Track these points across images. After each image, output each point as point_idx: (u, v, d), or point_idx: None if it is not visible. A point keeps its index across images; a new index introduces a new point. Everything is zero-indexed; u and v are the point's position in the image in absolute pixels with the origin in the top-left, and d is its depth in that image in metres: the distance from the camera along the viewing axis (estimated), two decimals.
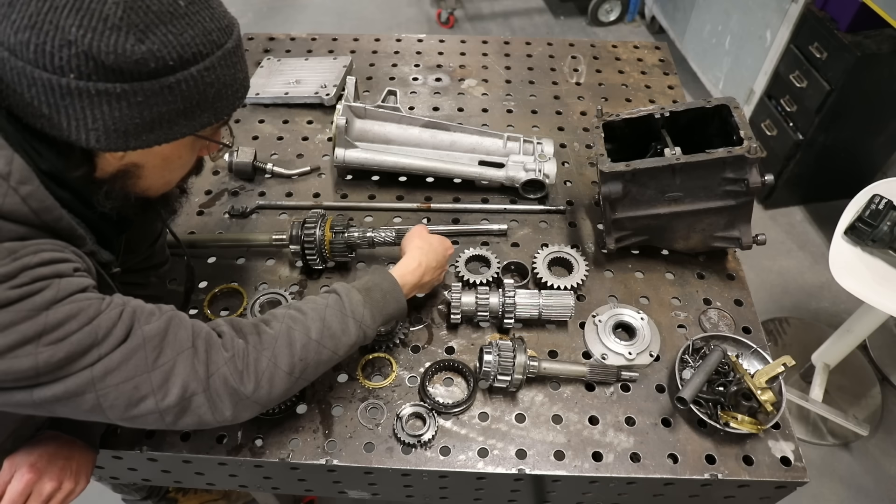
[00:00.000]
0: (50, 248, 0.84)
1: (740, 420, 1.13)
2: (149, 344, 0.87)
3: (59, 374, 0.82)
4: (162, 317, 0.91)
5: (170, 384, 0.88)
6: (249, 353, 0.95)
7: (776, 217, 3.16)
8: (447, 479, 1.19)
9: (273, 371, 0.96)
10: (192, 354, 0.90)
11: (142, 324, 0.88)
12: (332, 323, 1.04)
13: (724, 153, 1.23)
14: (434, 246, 1.27)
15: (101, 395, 0.84)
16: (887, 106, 2.65)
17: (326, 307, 1.06)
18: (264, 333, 0.98)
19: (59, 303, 0.82)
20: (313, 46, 2.07)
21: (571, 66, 2.02)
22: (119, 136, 0.83)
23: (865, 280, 1.75)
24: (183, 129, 0.88)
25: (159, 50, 0.79)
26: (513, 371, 1.16)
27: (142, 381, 0.86)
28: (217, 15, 0.87)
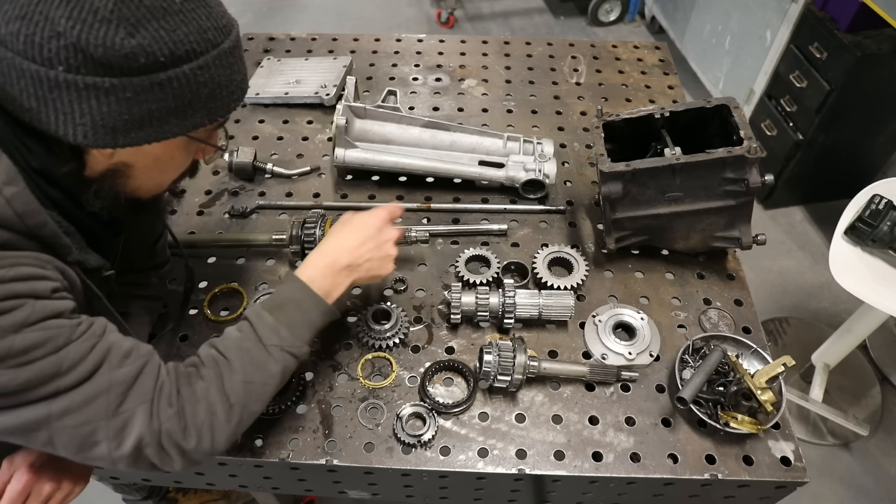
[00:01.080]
0: (30, 263, 0.81)
1: (740, 420, 1.13)
2: (114, 390, 0.85)
3: (14, 402, 0.79)
4: (136, 362, 0.88)
5: (126, 433, 0.85)
6: (185, 406, 0.91)
7: (776, 217, 3.16)
8: (447, 479, 1.19)
9: (212, 421, 0.93)
10: (149, 407, 0.87)
11: (112, 366, 0.85)
12: (253, 356, 0.99)
13: (724, 153, 1.23)
14: (351, 227, 1.15)
15: (55, 433, 0.82)
16: (887, 106, 2.65)
17: (242, 341, 1.00)
18: (196, 385, 0.94)
19: (30, 327, 0.79)
20: (313, 46, 2.07)
21: (571, 66, 2.02)
22: (107, 132, 0.81)
23: (865, 280, 1.75)
24: (174, 128, 0.86)
25: (150, 45, 0.77)
26: (513, 371, 1.16)
27: (99, 427, 0.84)
28: (215, 14, 0.85)
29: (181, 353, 1.28)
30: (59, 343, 0.81)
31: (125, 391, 0.86)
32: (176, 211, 1.56)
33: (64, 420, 0.82)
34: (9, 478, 1.02)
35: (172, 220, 1.54)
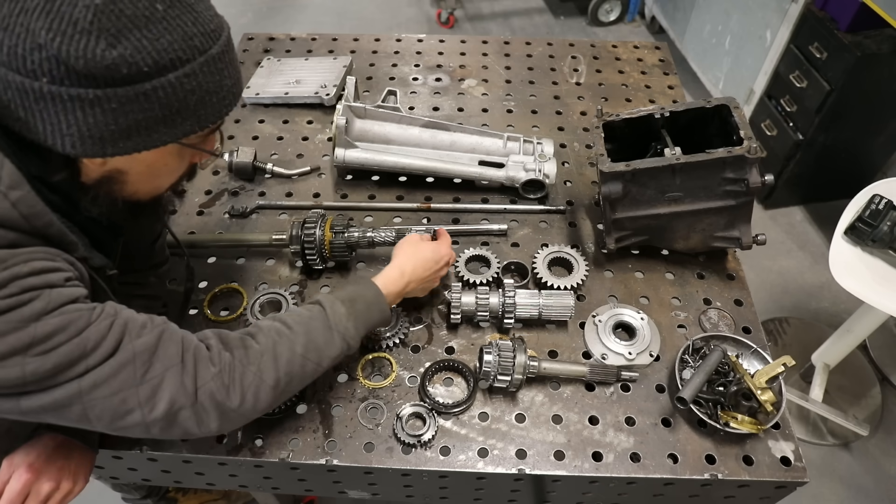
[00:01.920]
0: (41, 257, 0.82)
1: (740, 420, 1.13)
2: (138, 358, 0.87)
3: (47, 384, 0.81)
4: (153, 330, 0.90)
5: (157, 398, 0.88)
6: (235, 367, 0.95)
7: (776, 217, 3.16)
8: (447, 479, 1.19)
9: (258, 385, 0.96)
10: (180, 369, 0.90)
11: (132, 337, 0.88)
12: (317, 336, 1.04)
13: (724, 153, 1.23)
14: (423, 254, 1.25)
15: (87, 406, 0.84)
16: (887, 106, 2.65)
17: (310, 319, 1.05)
18: (251, 348, 0.98)
19: (49, 314, 0.80)
20: (313, 46, 2.07)
21: (571, 66, 2.02)
22: (94, 142, 0.81)
23: (865, 280, 1.75)
24: (163, 136, 0.85)
25: (132, 55, 0.76)
26: (513, 371, 1.16)
27: (129, 395, 0.86)
28: (202, 19, 0.83)
29: None
30: (80, 326, 0.83)
31: (149, 358, 0.88)
32: (176, 210, 1.57)
33: (94, 393, 0.84)
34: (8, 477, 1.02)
35: (173, 219, 1.54)
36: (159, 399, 0.88)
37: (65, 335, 0.81)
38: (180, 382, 0.89)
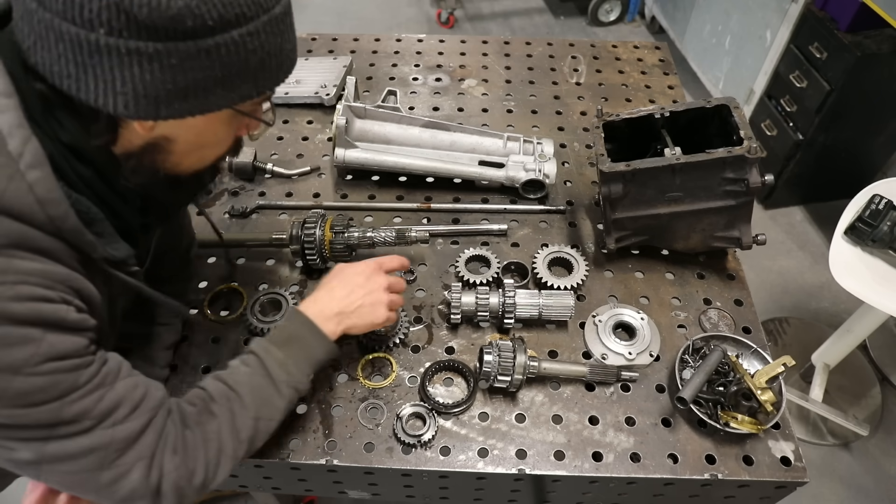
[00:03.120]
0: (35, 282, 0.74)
1: (740, 420, 1.13)
2: (114, 445, 0.81)
3: (6, 438, 0.75)
4: (142, 416, 0.85)
5: (118, 486, 0.82)
6: (198, 447, 0.90)
7: (776, 217, 3.16)
8: (447, 479, 1.19)
9: (219, 458, 0.92)
10: (150, 461, 0.85)
11: (116, 420, 0.81)
12: (262, 392, 0.99)
13: (724, 153, 1.23)
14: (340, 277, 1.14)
15: (44, 474, 0.79)
16: (887, 106, 2.65)
17: (251, 376, 1.00)
18: (209, 424, 0.93)
19: (33, 368, 0.73)
20: (313, 46, 2.07)
21: (571, 66, 2.02)
22: (149, 102, 0.75)
23: (865, 280, 1.75)
24: (220, 100, 0.79)
25: (198, 6, 0.70)
26: (513, 371, 1.16)
27: (90, 478, 0.81)
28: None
29: (181, 352, 1.28)
30: (63, 389, 0.76)
31: (125, 447, 0.82)
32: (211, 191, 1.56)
33: (54, 466, 0.78)
34: None
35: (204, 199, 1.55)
36: (120, 487, 0.82)
37: (43, 396, 0.74)
38: (147, 475, 0.84)
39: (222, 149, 0.96)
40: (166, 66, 0.72)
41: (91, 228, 0.82)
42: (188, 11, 0.70)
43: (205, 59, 0.74)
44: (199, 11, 0.70)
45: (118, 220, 0.90)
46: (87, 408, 0.78)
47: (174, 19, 0.69)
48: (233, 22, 0.74)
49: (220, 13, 0.72)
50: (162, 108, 0.76)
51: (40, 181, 0.74)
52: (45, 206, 0.74)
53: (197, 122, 0.82)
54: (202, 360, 1.28)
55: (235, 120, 0.90)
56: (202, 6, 0.70)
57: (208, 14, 0.71)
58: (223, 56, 0.75)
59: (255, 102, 0.90)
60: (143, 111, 0.76)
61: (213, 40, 0.73)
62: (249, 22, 0.75)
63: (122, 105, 0.75)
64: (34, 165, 0.73)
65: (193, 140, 0.88)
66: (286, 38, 0.83)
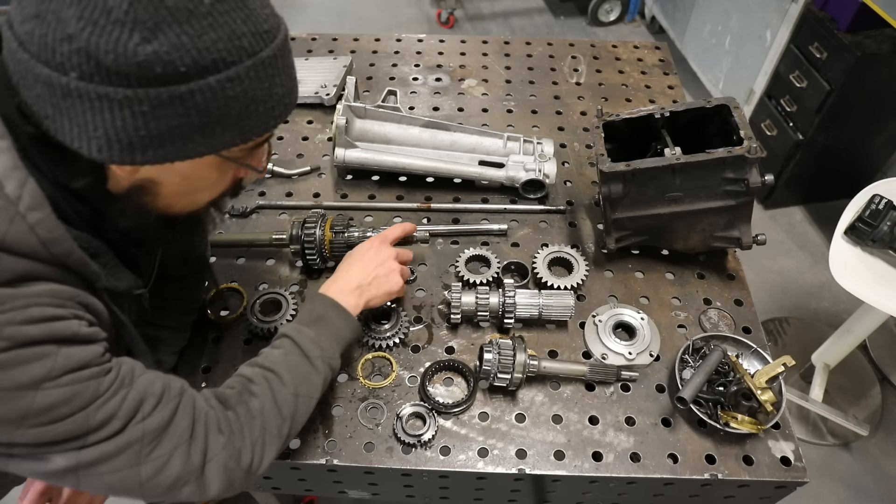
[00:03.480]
0: (46, 302, 0.73)
1: (740, 420, 1.13)
2: (147, 437, 0.81)
3: (39, 453, 0.75)
4: (168, 404, 0.84)
5: (161, 477, 0.82)
6: (243, 425, 0.91)
7: (776, 217, 3.16)
8: (447, 478, 1.19)
9: (264, 438, 0.93)
10: (188, 445, 0.84)
11: (144, 414, 0.81)
12: (299, 370, 1.01)
13: (724, 153, 1.23)
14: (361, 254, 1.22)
15: (82, 480, 0.78)
16: (887, 106, 2.65)
17: (286, 356, 1.01)
18: (251, 402, 0.94)
19: (52, 381, 0.72)
20: (313, 46, 2.07)
21: (571, 66, 2.02)
22: (123, 148, 0.72)
23: (865, 280, 1.75)
24: (200, 147, 0.75)
25: (168, 53, 0.67)
26: (513, 369, 1.16)
27: (130, 475, 0.80)
28: (254, 17, 0.74)
29: (181, 353, 1.28)
30: (87, 398, 0.75)
31: (158, 436, 0.82)
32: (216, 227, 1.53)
33: (92, 469, 0.78)
34: None
35: None
36: (163, 478, 0.83)
37: (68, 408, 0.74)
38: (187, 460, 0.84)
39: (216, 191, 0.92)
40: (138, 113, 0.70)
41: (95, 260, 0.82)
42: (156, 58, 0.67)
43: (179, 107, 0.71)
44: (170, 57, 0.67)
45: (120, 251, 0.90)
46: (113, 411, 0.78)
47: (141, 66, 0.67)
48: (209, 68, 0.70)
49: (195, 59, 0.69)
50: (137, 153, 0.73)
51: (41, 222, 0.73)
52: (48, 245, 0.73)
53: (181, 167, 0.79)
54: (202, 361, 1.28)
55: (225, 164, 0.86)
56: (173, 52, 0.67)
57: (180, 60, 0.68)
58: (199, 104, 0.71)
59: (244, 149, 0.85)
60: (118, 156, 0.73)
61: (188, 87, 0.70)
62: (230, 67, 0.72)
63: (97, 149, 0.73)
64: (34, 207, 0.72)
65: (180, 184, 0.84)
66: (277, 83, 0.78)
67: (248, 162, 0.89)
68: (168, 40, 0.67)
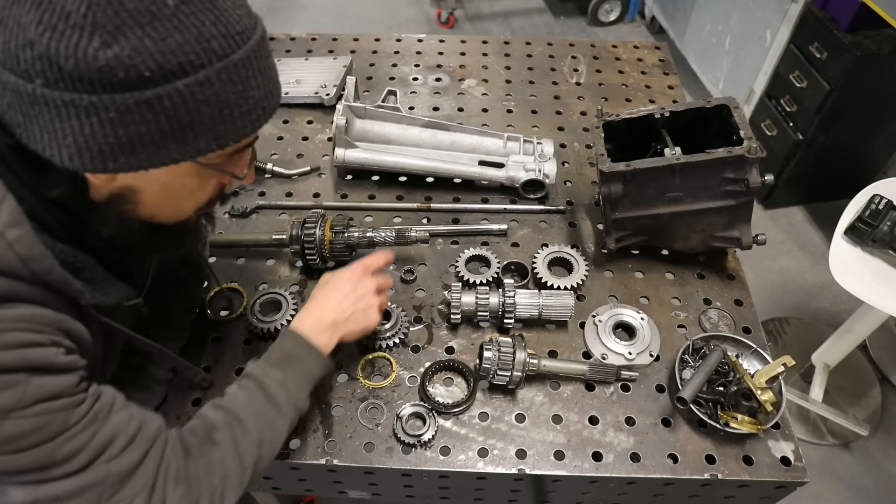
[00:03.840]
0: (23, 327, 0.71)
1: (740, 420, 1.13)
2: (109, 480, 0.78)
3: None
4: (138, 449, 0.82)
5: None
6: (202, 478, 0.87)
7: (776, 217, 3.16)
8: (447, 479, 1.19)
9: (224, 487, 0.89)
10: (149, 494, 0.81)
11: (112, 455, 0.78)
12: (264, 415, 0.97)
13: (724, 153, 1.23)
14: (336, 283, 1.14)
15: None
16: (887, 106, 2.65)
17: (252, 401, 0.97)
18: (212, 453, 0.90)
19: (20, 411, 0.70)
20: (313, 46, 2.07)
21: (571, 66, 2.02)
22: (94, 156, 0.70)
23: (865, 280, 1.75)
24: (173, 153, 0.72)
25: (130, 57, 0.64)
26: (512, 367, 1.16)
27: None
28: (225, 18, 0.71)
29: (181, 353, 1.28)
30: (54, 430, 0.73)
31: (122, 480, 0.79)
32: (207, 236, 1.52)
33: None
34: None
35: None
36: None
37: (34, 438, 0.72)
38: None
39: (200, 199, 0.89)
40: (105, 120, 0.67)
41: (80, 275, 0.80)
42: (118, 62, 0.64)
43: (146, 113, 0.68)
44: (132, 62, 0.65)
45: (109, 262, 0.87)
46: (80, 446, 0.76)
47: (102, 71, 0.64)
48: (176, 72, 0.68)
49: (159, 63, 0.66)
50: (109, 161, 0.71)
51: (20, 240, 0.71)
52: (27, 262, 0.72)
53: (159, 175, 0.77)
54: (202, 361, 1.28)
55: (206, 172, 0.83)
56: (135, 56, 0.65)
57: (143, 65, 0.65)
58: (168, 109, 0.69)
59: (223, 155, 0.82)
60: (90, 165, 0.71)
61: (154, 92, 0.67)
62: (198, 71, 0.69)
63: (68, 157, 0.70)
64: (11, 224, 0.70)
65: (160, 192, 0.82)
66: (252, 86, 0.75)
67: (229, 168, 0.86)
68: (129, 44, 0.65)
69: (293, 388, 1.01)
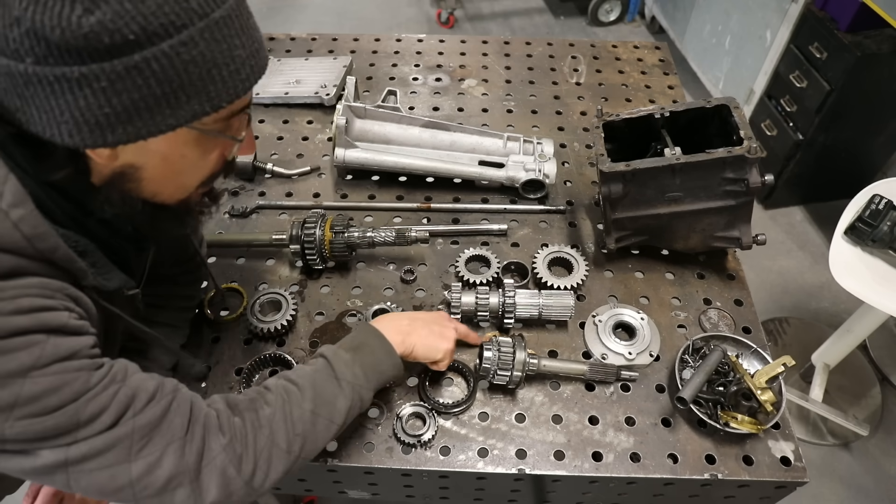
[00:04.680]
0: (35, 293, 0.73)
1: (740, 420, 1.13)
2: (137, 433, 0.79)
3: (28, 448, 0.74)
4: (160, 401, 0.82)
5: (152, 477, 0.79)
6: (248, 433, 0.88)
7: (776, 217, 3.16)
8: (447, 479, 1.19)
9: (271, 450, 0.89)
10: (182, 444, 0.82)
11: (136, 410, 0.79)
12: (325, 389, 0.97)
13: (724, 153, 1.23)
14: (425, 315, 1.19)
15: (72, 478, 0.76)
16: (887, 106, 2.65)
17: (315, 373, 0.98)
18: (261, 410, 0.91)
19: (40, 370, 0.71)
20: (313, 46, 2.07)
21: (571, 66, 2.02)
22: (92, 129, 0.71)
23: (865, 280, 1.75)
24: (169, 119, 0.73)
25: (113, 21, 0.65)
26: (512, 367, 1.16)
27: (120, 471, 0.78)
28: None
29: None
30: (77, 389, 0.74)
31: (150, 432, 0.80)
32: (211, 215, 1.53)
33: (82, 465, 0.76)
34: None
35: None
36: (154, 478, 0.80)
37: (57, 398, 0.73)
38: (181, 459, 0.81)
39: (203, 172, 0.89)
40: (98, 90, 0.68)
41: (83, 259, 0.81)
42: (102, 28, 0.65)
43: (137, 78, 0.69)
44: (115, 26, 0.65)
45: (110, 250, 0.88)
46: (103, 405, 0.77)
47: (88, 38, 0.65)
48: (160, 33, 0.68)
49: (142, 25, 0.66)
50: (108, 133, 0.72)
51: (25, 218, 0.72)
52: (32, 240, 0.73)
53: (157, 147, 0.78)
54: (202, 361, 1.28)
55: (204, 139, 0.83)
56: (118, 20, 0.65)
57: (127, 28, 0.66)
58: (157, 72, 0.69)
59: (220, 118, 0.82)
60: (90, 139, 0.72)
61: (141, 56, 0.68)
62: (181, 31, 0.69)
63: (68, 134, 0.71)
64: (16, 204, 0.71)
65: (161, 166, 0.82)
66: (237, 44, 0.76)
67: (227, 133, 0.86)
68: (111, 8, 0.65)
69: (359, 372, 1.01)
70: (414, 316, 1.18)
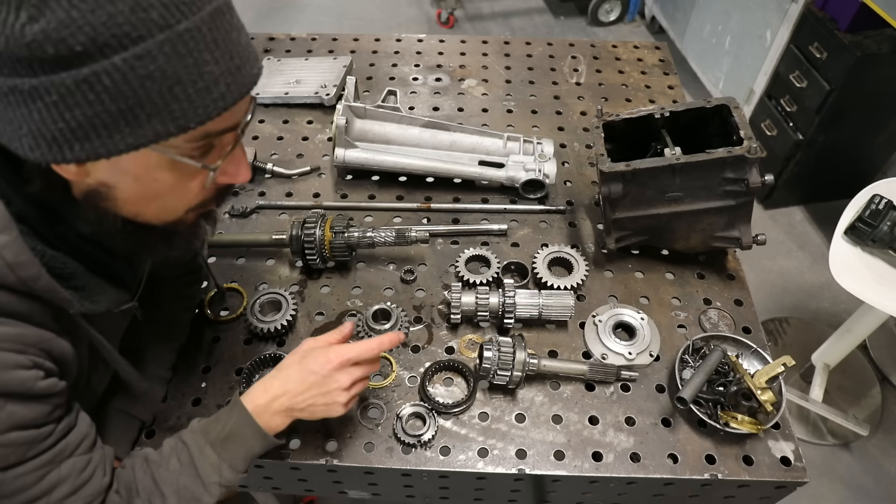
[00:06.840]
0: (8, 347, 0.71)
1: (740, 420, 1.13)
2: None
3: None
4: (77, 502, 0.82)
5: None
6: None
7: (776, 217, 3.16)
8: (447, 479, 1.19)
9: None
10: None
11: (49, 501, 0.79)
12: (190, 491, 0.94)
13: (724, 153, 1.23)
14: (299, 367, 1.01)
15: None
16: (887, 106, 2.65)
17: (180, 475, 0.94)
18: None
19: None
20: (313, 46, 2.07)
21: (571, 66, 2.02)
22: (50, 144, 0.66)
23: (865, 280, 1.75)
24: (128, 138, 0.66)
25: (57, 31, 0.59)
26: (512, 367, 1.16)
27: None
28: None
29: (181, 353, 1.28)
30: (10, 462, 0.74)
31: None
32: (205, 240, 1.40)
33: None
34: None
35: None
36: None
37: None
38: None
39: (188, 197, 0.82)
40: (50, 104, 0.63)
41: (70, 283, 0.79)
42: (45, 37, 0.59)
43: (88, 92, 0.63)
44: (60, 36, 0.59)
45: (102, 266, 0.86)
46: (26, 485, 0.75)
47: (31, 47, 0.60)
48: (112, 45, 0.61)
49: (90, 36, 0.60)
50: (66, 150, 0.66)
51: (7, 245, 0.70)
52: (14, 269, 0.70)
53: (127, 167, 0.72)
54: (202, 361, 1.28)
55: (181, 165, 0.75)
56: (62, 30, 0.59)
57: (73, 38, 0.60)
58: (109, 87, 0.63)
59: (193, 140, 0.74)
60: (49, 154, 0.67)
61: (90, 69, 0.62)
62: (137, 43, 0.62)
63: (28, 148, 0.67)
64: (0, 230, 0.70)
65: (135, 187, 0.76)
66: (207, 59, 0.67)
67: (204, 161, 0.77)
68: (56, 17, 0.59)
69: (226, 472, 0.96)
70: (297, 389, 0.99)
